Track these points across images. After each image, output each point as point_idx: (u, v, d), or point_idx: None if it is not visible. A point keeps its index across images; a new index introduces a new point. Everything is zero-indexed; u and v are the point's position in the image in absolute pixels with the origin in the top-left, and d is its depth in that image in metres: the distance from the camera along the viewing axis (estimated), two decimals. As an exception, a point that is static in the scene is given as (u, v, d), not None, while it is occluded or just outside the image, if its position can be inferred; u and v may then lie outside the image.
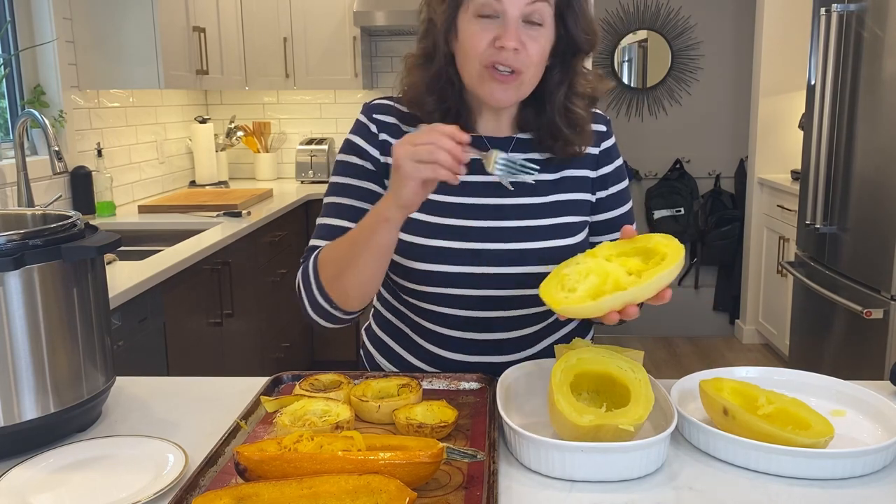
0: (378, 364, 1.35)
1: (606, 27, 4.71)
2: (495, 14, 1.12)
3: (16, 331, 0.98)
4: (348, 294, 1.15)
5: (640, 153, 4.79)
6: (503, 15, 1.12)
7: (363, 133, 1.25)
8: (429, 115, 1.20)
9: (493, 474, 0.89)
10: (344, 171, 1.25)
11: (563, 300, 0.99)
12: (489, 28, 1.13)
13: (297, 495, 0.81)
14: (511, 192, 1.23)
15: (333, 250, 1.15)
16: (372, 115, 1.26)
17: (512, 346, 1.26)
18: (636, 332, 4.84)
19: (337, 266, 1.13)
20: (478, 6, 1.13)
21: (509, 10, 1.12)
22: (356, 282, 1.13)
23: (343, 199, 1.24)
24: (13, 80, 2.83)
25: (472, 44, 1.14)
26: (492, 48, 1.12)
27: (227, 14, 3.73)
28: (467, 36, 1.14)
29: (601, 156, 1.30)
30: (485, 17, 1.13)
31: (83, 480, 0.93)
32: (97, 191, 3.06)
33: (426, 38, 1.21)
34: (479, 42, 1.13)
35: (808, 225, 3.15)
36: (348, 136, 1.27)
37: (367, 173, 1.24)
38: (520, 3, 1.12)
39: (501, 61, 1.12)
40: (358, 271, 1.12)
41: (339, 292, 1.15)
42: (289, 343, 3.55)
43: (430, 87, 1.20)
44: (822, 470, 0.91)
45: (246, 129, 4.30)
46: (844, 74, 2.93)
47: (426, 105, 1.20)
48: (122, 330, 2.01)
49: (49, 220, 1.13)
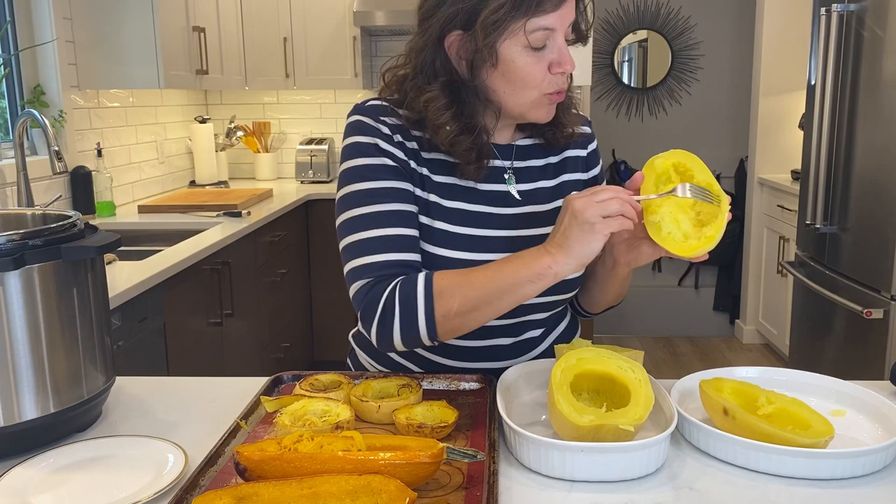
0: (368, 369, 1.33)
1: (606, 27, 4.71)
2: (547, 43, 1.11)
3: (16, 331, 0.98)
4: (462, 330, 1.11)
5: (640, 153, 4.79)
6: (553, 41, 1.10)
7: (378, 134, 1.17)
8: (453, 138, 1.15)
9: (493, 474, 0.89)
10: (372, 174, 1.15)
11: (693, 247, 1.04)
12: (543, 56, 1.11)
13: (297, 495, 0.81)
14: (518, 201, 1.22)
15: (463, 284, 1.07)
16: (378, 117, 1.18)
17: (510, 353, 1.25)
18: (636, 332, 4.84)
19: (465, 302, 1.07)
20: (534, 39, 1.09)
21: (559, 39, 1.11)
22: (481, 319, 1.09)
23: (390, 206, 1.14)
24: (13, 80, 2.83)
25: (530, 74, 1.11)
26: (549, 75, 1.11)
27: (227, 14, 3.73)
28: (522, 67, 1.10)
29: (589, 158, 1.31)
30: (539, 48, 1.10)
31: (83, 480, 0.93)
32: (97, 191, 3.06)
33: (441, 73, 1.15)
34: (538, 73, 1.11)
35: (809, 225, 3.15)
36: (356, 139, 1.18)
37: (401, 174, 1.16)
38: (565, 25, 1.11)
39: (560, 85, 1.13)
40: (488, 312, 1.08)
41: (454, 327, 1.09)
42: (289, 343, 3.55)
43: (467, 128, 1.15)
44: (822, 470, 0.91)
45: (246, 129, 4.30)
46: (844, 74, 2.93)
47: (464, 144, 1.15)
48: (122, 330, 2.01)
49: (49, 220, 1.13)
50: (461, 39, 1.12)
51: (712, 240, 1.04)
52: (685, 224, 1.06)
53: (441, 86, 1.14)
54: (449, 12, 1.11)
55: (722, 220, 1.05)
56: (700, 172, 1.08)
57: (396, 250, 1.13)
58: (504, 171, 1.23)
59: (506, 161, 1.24)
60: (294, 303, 3.70)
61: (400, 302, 1.08)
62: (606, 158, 4.79)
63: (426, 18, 1.14)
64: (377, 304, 1.10)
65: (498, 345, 1.24)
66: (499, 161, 1.24)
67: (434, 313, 1.08)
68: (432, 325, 1.08)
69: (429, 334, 1.09)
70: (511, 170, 1.24)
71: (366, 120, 1.18)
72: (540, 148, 1.28)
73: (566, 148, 1.28)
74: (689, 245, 1.05)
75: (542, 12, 1.07)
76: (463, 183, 1.20)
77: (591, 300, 1.31)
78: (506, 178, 1.23)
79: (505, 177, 1.23)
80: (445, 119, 1.14)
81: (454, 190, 1.20)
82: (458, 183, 1.20)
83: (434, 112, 1.14)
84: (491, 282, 1.06)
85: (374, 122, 1.18)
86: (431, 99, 1.14)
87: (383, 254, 1.12)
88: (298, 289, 3.77)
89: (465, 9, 1.09)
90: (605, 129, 4.77)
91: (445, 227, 1.18)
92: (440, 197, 1.19)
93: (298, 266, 3.76)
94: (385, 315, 1.09)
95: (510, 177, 1.23)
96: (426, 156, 1.20)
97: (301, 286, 3.81)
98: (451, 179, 1.20)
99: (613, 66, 4.78)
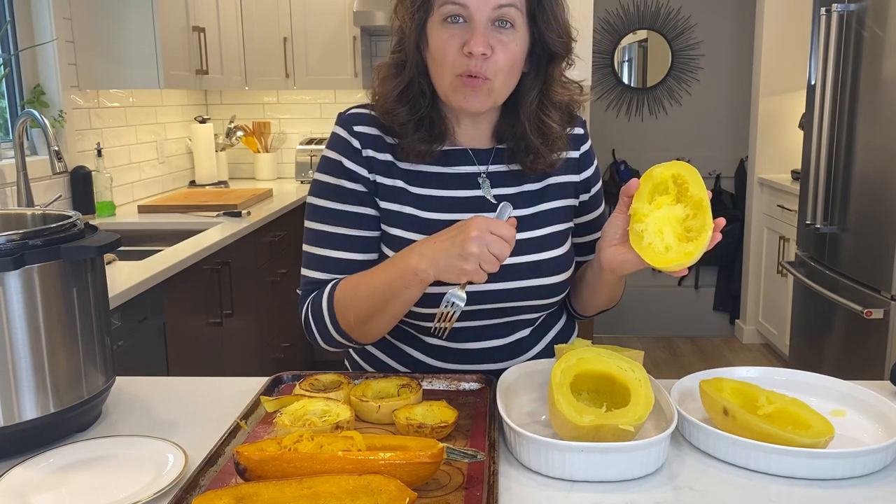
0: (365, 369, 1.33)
1: (606, 27, 4.71)
2: (463, 19, 1.09)
3: (16, 331, 0.98)
4: (371, 335, 1.18)
5: (640, 153, 4.79)
6: (470, 20, 1.09)
7: (347, 152, 1.19)
8: (402, 126, 1.17)
9: (493, 474, 0.89)
10: (332, 195, 1.20)
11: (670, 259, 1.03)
12: (457, 34, 1.09)
13: (297, 495, 0.81)
14: (494, 205, 1.19)
15: (353, 297, 1.14)
16: (352, 127, 1.20)
17: (502, 354, 1.24)
18: (636, 332, 4.84)
19: (359, 313, 1.14)
20: (444, 11, 1.09)
21: (476, 15, 1.08)
22: (381, 327, 1.16)
23: (336, 228, 1.20)
24: (13, 80, 2.83)
25: (442, 51, 1.10)
26: (462, 56, 1.09)
27: (227, 14, 3.73)
28: (437, 44, 1.11)
29: (582, 159, 1.29)
30: (453, 23, 1.10)
31: (83, 480, 0.93)
32: (97, 191, 3.06)
33: (397, 48, 1.18)
34: (449, 49, 1.10)
35: (809, 225, 3.15)
36: (328, 153, 1.21)
37: (359, 197, 1.19)
38: (486, 8, 1.08)
39: (471, 68, 1.09)
40: (384, 319, 1.14)
41: (361, 334, 1.17)
42: (289, 343, 3.55)
43: (402, 97, 1.16)
44: (822, 470, 0.91)
45: (246, 129, 4.30)
46: (844, 74, 2.93)
47: (399, 116, 1.16)
48: (122, 330, 2.01)
49: (49, 220, 1.13)
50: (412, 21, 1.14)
51: (691, 256, 1.02)
52: (669, 237, 1.05)
53: (393, 60, 1.19)
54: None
55: (704, 239, 1.02)
56: (695, 187, 1.06)
57: (328, 271, 1.20)
58: (478, 175, 1.22)
59: (481, 166, 1.22)
60: (294, 303, 3.69)
61: (314, 317, 1.19)
62: (607, 158, 4.80)
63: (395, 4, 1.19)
64: (301, 314, 1.21)
65: (489, 347, 1.24)
66: (472, 167, 1.22)
67: (339, 325, 1.16)
68: (345, 334, 1.17)
69: (346, 340, 1.18)
70: (485, 174, 1.22)
71: (340, 133, 1.22)
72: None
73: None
74: (666, 257, 1.04)
75: None
76: (441, 193, 1.20)
77: (583, 303, 1.31)
78: (479, 183, 1.21)
79: (479, 181, 1.22)
80: (385, 89, 1.18)
81: (431, 202, 1.19)
82: (435, 194, 1.20)
83: (380, 82, 1.19)
84: (373, 292, 1.11)
85: (347, 134, 1.20)
86: (380, 67, 1.20)
87: (316, 271, 1.22)
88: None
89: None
90: (604, 129, 4.77)
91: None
92: (415, 208, 1.19)
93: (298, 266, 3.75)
94: (309, 326, 1.21)
95: (484, 180, 1.22)
96: (403, 166, 1.20)
97: (301, 286, 3.81)
98: (428, 191, 1.20)
99: (613, 66, 4.78)
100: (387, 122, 1.19)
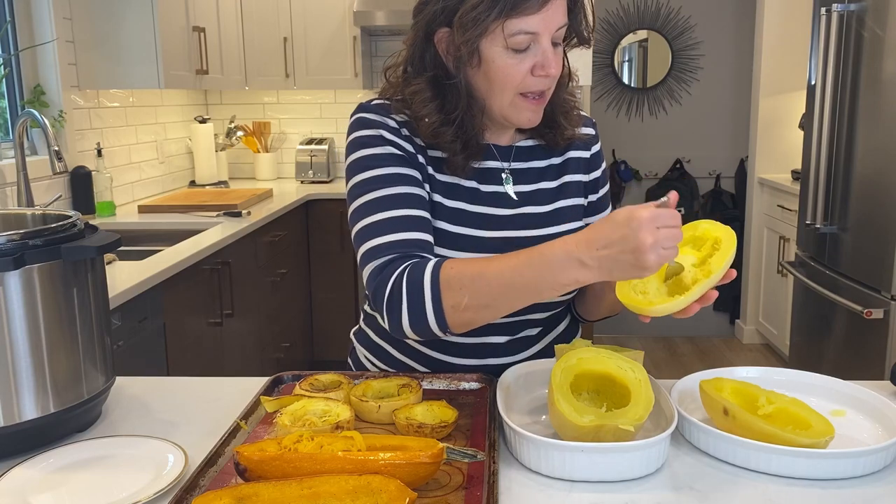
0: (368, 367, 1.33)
1: (606, 27, 4.71)
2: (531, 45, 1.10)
3: (16, 331, 0.98)
4: (474, 323, 1.07)
5: (640, 153, 4.79)
6: (537, 44, 1.10)
7: (383, 126, 1.18)
8: (450, 144, 1.16)
9: (493, 474, 0.89)
10: (378, 163, 1.16)
11: (650, 301, 0.98)
12: (525, 58, 1.10)
13: (297, 495, 0.81)
14: (515, 201, 1.22)
15: (475, 280, 1.03)
16: (389, 114, 1.19)
17: (507, 350, 1.25)
18: (636, 332, 4.84)
19: (479, 298, 1.04)
20: (514, 42, 1.08)
21: (543, 39, 1.09)
22: (495, 315, 1.07)
23: (395, 189, 1.14)
24: (13, 80, 2.83)
25: (510, 75, 1.10)
26: (530, 76, 1.11)
27: (227, 14, 3.73)
28: (501, 68, 1.10)
29: (592, 159, 1.31)
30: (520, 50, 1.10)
31: (83, 480, 0.93)
32: (97, 191, 3.06)
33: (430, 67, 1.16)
34: (518, 74, 1.10)
35: (809, 225, 3.15)
36: (360, 133, 1.19)
37: (406, 161, 1.17)
38: (551, 30, 1.09)
39: (540, 88, 1.12)
40: (504, 311, 1.06)
41: (466, 320, 1.06)
42: (289, 343, 3.55)
43: (448, 121, 1.16)
44: (822, 470, 0.91)
45: (246, 129, 4.30)
46: (844, 74, 2.93)
47: (446, 136, 1.16)
48: (122, 330, 2.01)
49: (49, 220, 1.13)
50: (448, 36, 1.13)
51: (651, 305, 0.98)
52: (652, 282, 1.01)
53: (427, 80, 1.16)
54: (435, 9, 1.13)
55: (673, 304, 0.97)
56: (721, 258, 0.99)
57: (405, 230, 1.11)
58: (501, 171, 1.24)
59: (504, 162, 1.24)
60: (294, 303, 3.70)
61: (407, 286, 1.06)
62: (607, 158, 4.78)
63: (417, 14, 1.17)
64: (385, 286, 1.08)
65: (494, 342, 1.24)
66: (496, 162, 1.24)
67: (442, 304, 1.05)
68: (441, 315, 1.05)
69: (439, 325, 1.06)
70: (508, 170, 1.24)
71: (370, 116, 1.19)
72: (542, 149, 1.27)
73: (569, 149, 1.28)
74: (636, 299, 1.00)
75: (522, 14, 1.06)
76: (465, 183, 1.21)
77: (587, 309, 1.32)
78: (503, 179, 1.23)
79: (502, 177, 1.23)
80: (428, 111, 1.15)
81: (457, 189, 1.20)
82: (461, 183, 1.21)
83: (418, 104, 1.16)
84: (508, 282, 1.02)
85: (379, 117, 1.19)
86: (416, 91, 1.16)
87: (392, 234, 1.11)
88: (298, 289, 3.77)
89: (448, 6, 1.11)
90: (605, 129, 4.77)
91: (445, 227, 1.18)
92: (442, 196, 1.20)
93: (298, 266, 3.76)
94: (392, 298, 1.07)
95: (507, 177, 1.23)
96: (431, 153, 1.20)
97: (301, 286, 3.81)
98: (454, 179, 1.21)
99: (613, 66, 4.78)
100: (430, 141, 1.17)
